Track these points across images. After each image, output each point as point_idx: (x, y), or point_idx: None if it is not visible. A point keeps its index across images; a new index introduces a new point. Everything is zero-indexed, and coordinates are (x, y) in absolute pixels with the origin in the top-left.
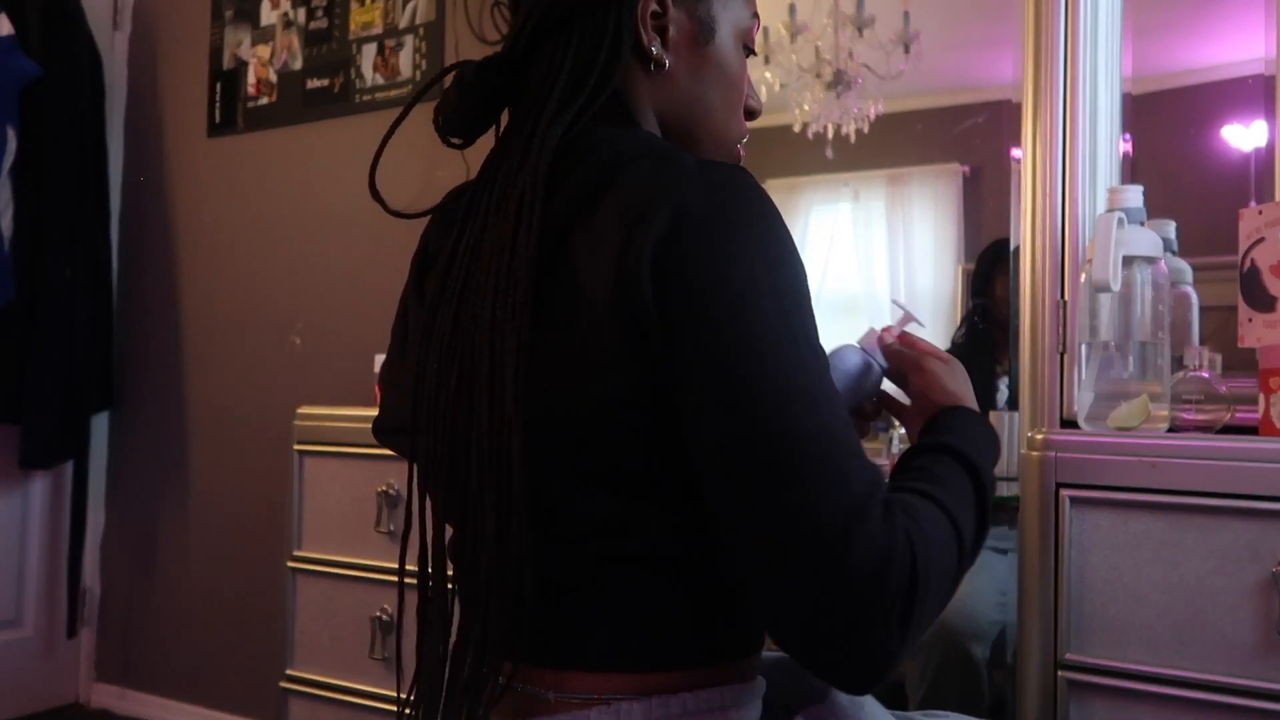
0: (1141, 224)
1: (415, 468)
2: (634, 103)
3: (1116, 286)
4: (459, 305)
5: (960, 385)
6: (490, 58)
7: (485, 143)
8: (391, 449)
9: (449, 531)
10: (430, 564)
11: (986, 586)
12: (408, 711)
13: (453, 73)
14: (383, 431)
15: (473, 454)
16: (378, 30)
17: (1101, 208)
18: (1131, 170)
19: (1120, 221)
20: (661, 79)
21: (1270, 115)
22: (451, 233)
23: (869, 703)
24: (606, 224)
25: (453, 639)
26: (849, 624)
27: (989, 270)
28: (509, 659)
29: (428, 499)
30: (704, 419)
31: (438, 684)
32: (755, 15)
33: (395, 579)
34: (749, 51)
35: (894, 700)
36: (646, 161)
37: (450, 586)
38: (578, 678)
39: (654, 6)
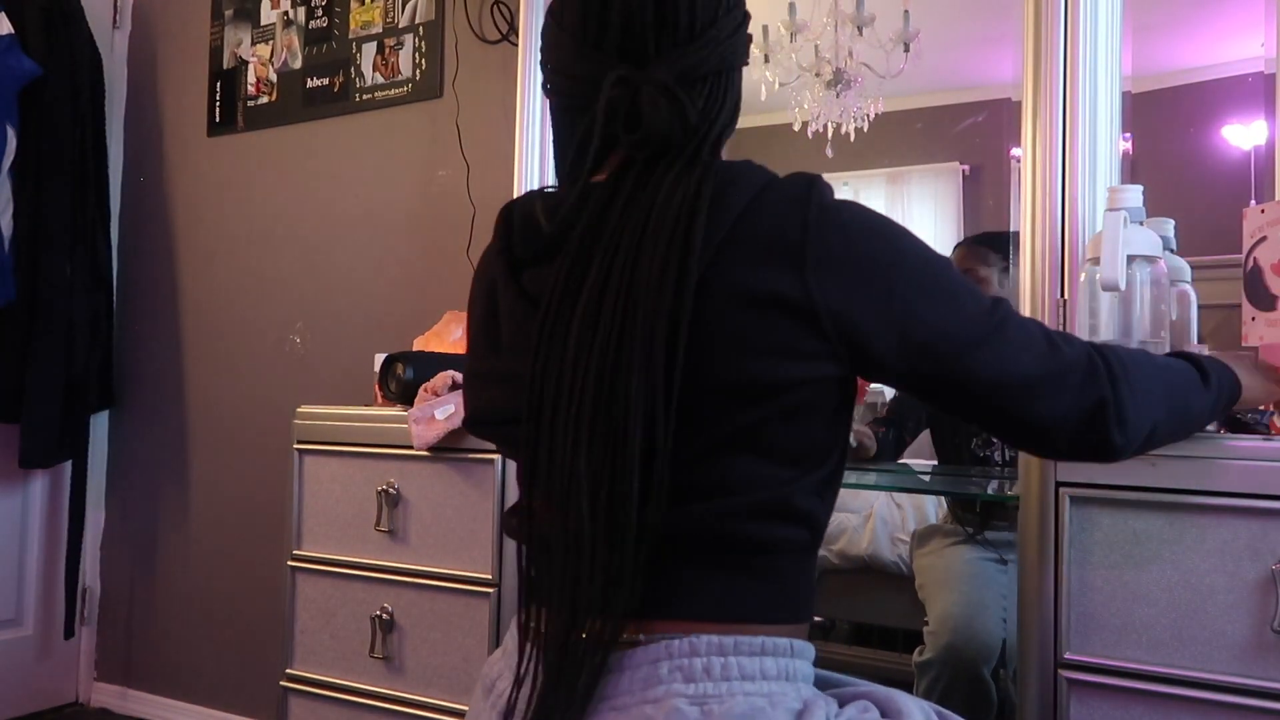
0: (1141, 223)
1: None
2: None
3: (1124, 286)
4: (601, 295)
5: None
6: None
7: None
8: (490, 439)
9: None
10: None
11: (991, 603)
12: (521, 687)
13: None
14: (483, 424)
15: (617, 425)
16: (377, 29)
17: (1101, 206)
18: (1131, 169)
19: (1124, 220)
20: None
21: (1270, 114)
22: (543, 241)
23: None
24: (759, 241)
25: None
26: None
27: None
28: (634, 617)
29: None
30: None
31: (559, 654)
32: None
33: (396, 577)
34: None
35: None
36: (774, 192)
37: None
38: (660, 625)
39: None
